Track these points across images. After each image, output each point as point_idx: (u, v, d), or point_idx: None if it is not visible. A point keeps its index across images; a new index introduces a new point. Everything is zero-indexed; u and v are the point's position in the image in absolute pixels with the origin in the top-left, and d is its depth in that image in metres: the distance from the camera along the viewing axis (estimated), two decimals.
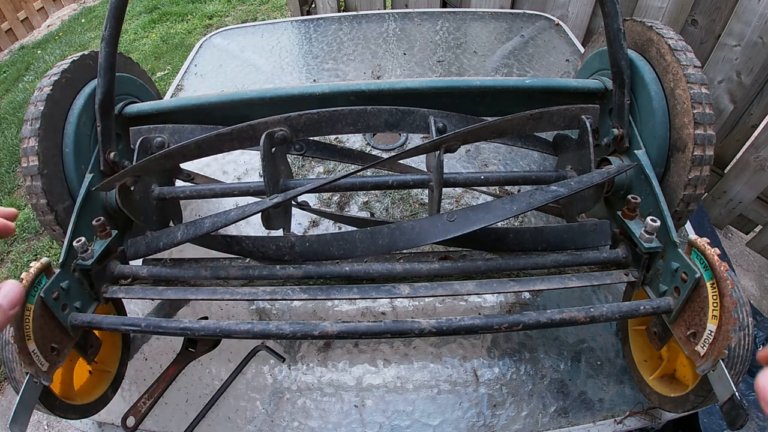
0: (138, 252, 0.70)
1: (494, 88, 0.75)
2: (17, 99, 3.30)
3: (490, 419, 0.71)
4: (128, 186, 0.68)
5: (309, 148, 0.85)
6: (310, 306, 0.84)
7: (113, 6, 0.65)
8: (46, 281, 0.56)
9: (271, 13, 3.85)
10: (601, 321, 0.55)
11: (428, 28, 1.54)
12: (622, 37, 0.67)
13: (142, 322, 0.58)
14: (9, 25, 3.98)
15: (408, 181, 0.70)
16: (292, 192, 0.62)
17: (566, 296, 0.83)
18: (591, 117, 0.67)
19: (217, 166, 1.11)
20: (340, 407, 0.73)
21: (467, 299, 0.84)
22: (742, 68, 1.55)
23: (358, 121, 0.70)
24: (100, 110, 0.70)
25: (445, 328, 0.53)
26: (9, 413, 0.49)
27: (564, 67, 1.34)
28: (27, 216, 2.35)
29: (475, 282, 0.62)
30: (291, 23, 1.60)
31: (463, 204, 0.99)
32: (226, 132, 0.63)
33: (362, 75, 1.35)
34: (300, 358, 0.78)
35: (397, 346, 0.79)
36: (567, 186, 0.61)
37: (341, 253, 0.68)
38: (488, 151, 1.11)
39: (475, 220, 0.60)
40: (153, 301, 0.86)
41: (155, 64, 3.42)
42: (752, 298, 1.80)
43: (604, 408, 0.71)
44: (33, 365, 0.52)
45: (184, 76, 1.39)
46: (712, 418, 1.06)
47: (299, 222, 0.96)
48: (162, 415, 0.73)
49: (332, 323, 0.54)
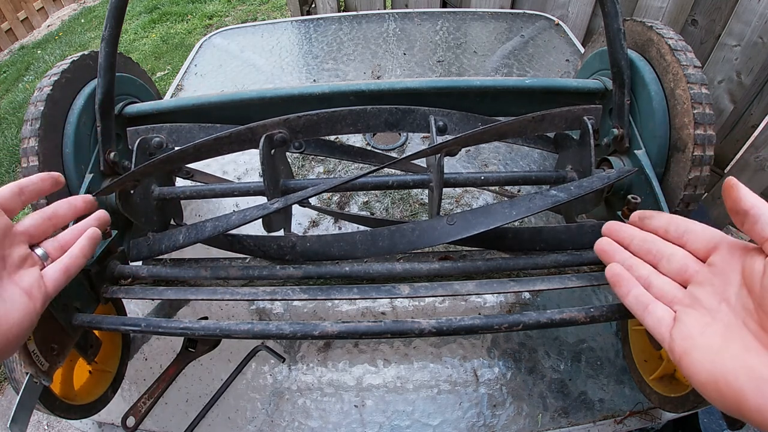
0: (140, 254, 0.70)
1: (494, 88, 0.75)
2: (17, 99, 3.30)
3: (490, 419, 0.71)
4: (128, 189, 0.68)
5: (308, 145, 0.85)
6: (310, 306, 0.84)
7: (113, 6, 0.65)
8: None
9: (271, 13, 3.85)
10: (601, 321, 0.55)
11: (428, 28, 1.54)
12: (622, 37, 0.67)
13: (142, 322, 0.58)
14: (9, 25, 3.98)
15: (408, 182, 0.70)
16: (293, 197, 0.61)
17: (566, 296, 0.83)
18: (593, 118, 0.67)
19: (217, 166, 1.11)
20: (340, 407, 0.73)
21: (467, 299, 0.84)
22: (742, 68, 1.55)
23: (357, 122, 0.70)
24: (100, 110, 0.70)
25: (445, 328, 0.53)
26: (9, 413, 0.49)
27: (564, 67, 1.34)
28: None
29: (475, 282, 0.62)
30: (291, 23, 1.60)
31: (463, 204, 0.99)
32: (225, 136, 0.63)
33: (362, 75, 1.35)
34: (300, 358, 0.78)
35: (397, 346, 0.79)
36: (567, 191, 0.61)
37: (341, 253, 0.68)
38: (488, 151, 1.11)
39: (475, 224, 0.61)
40: (153, 301, 0.86)
41: (155, 64, 3.42)
42: None
43: (604, 408, 0.71)
44: (33, 365, 0.52)
45: (184, 76, 1.39)
46: (712, 418, 1.06)
47: (299, 222, 0.96)
48: (162, 415, 0.73)
49: (332, 323, 0.54)
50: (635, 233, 0.48)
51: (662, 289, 0.42)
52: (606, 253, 0.49)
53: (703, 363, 0.35)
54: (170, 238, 0.68)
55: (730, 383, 0.32)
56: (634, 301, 0.44)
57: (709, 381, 0.34)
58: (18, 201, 0.46)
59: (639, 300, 0.43)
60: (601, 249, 0.50)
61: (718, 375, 0.34)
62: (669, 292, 0.42)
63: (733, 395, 0.32)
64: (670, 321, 0.40)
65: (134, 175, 0.63)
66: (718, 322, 0.36)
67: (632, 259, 0.46)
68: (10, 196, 0.45)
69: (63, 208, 0.51)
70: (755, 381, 0.31)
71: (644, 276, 0.44)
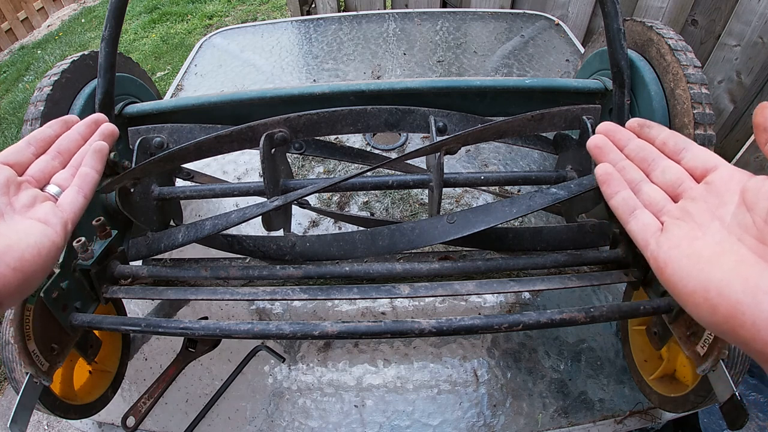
0: (139, 253, 0.70)
1: (494, 88, 0.75)
2: (17, 99, 3.30)
3: (490, 419, 0.71)
4: (128, 188, 0.68)
5: (309, 146, 0.85)
6: (310, 306, 0.84)
7: (113, 6, 0.65)
8: (46, 281, 0.56)
9: (271, 13, 3.85)
10: (601, 321, 0.55)
11: (428, 28, 1.54)
12: (622, 37, 0.67)
13: (142, 322, 0.58)
14: (9, 25, 3.98)
15: (408, 182, 0.70)
16: (293, 195, 0.61)
17: (566, 296, 0.83)
18: (592, 117, 0.67)
19: (217, 166, 1.11)
20: (340, 407, 0.73)
21: (467, 299, 0.84)
22: (742, 68, 1.55)
23: (358, 121, 0.70)
24: (99, 110, 0.70)
25: (445, 328, 0.53)
26: (9, 413, 0.49)
27: (564, 67, 1.34)
28: None
29: (475, 282, 0.62)
30: (291, 23, 1.60)
31: (463, 204, 0.99)
32: (225, 134, 0.63)
33: (362, 75, 1.35)
34: (300, 358, 0.78)
35: (397, 346, 0.79)
36: (567, 189, 0.61)
37: (341, 253, 0.68)
38: (488, 151, 1.11)
39: (475, 223, 0.61)
40: (153, 301, 0.86)
41: (155, 64, 3.42)
42: None
43: (604, 408, 0.71)
44: (33, 365, 0.52)
45: (184, 76, 1.39)
46: (712, 418, 1.06)
47: (299, 222, 0.96)
48: (162, 415, 0.73)
49: (332, 323, 0.54)
50: (633, 138, 0.45)
51: (652, 197, 0.40)
52: (599, 149, 0.46)
53: (691, 271, 0.32)
54: (169, 237, 0.68)
55: (723, 293, 0.30)
56: (621, 202, 0.41)
57: (697, 290, 0.31)
58: (27, 153, 0.45)
59: (626, 203, 0.41)
60: (594, 145, 0.46)
61: (709, 284, 0.31)
62: (659, 203, 0.39)
63: (726, 307, 0.29)
64: (657, 229, 0.38)
65: (135, 172, 0.63)
66: (709, 237, 0.34)
67: (625, 162, 0.44)
68: (16, 151, 0.45)
69: (67, 140, 0.49)
70: (752, 292, 0.28)
71: (635, 180, 0.42)
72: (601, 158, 0.45)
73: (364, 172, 0.60)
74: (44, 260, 0.38)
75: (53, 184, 0.46)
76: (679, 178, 0.39)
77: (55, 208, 0.43)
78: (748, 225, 0.32)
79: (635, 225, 0.39)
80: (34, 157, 0.46)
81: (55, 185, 0.46)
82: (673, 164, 0.41)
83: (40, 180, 0.45)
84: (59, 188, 0.46)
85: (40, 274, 0.38)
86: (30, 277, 0.37)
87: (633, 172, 0.43)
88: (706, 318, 0.31)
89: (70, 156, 0.49)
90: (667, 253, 0.35)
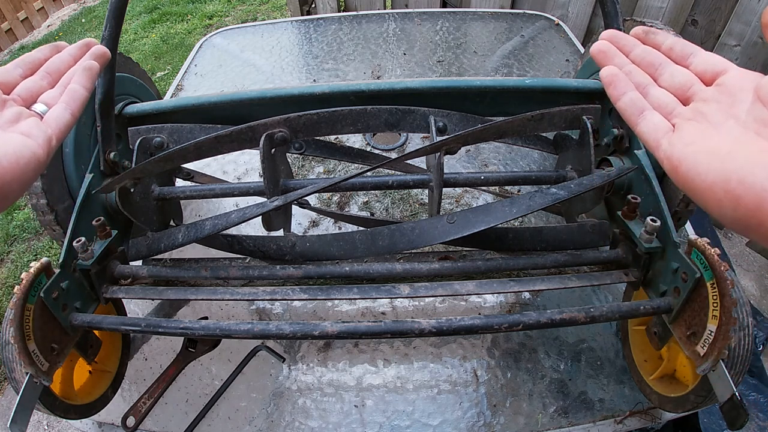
0: (139, 253, 0.70)
1: (494, 88, 0.75)
2: None
3: (490, 419, 0.71)
4: (128, 188, 0.68)
5: (309, 146, 0.85)
6: (310, 306, 0.84)
7: (113, 6, 0.65)
8: (46, 281, 0.56)
9: (271, 13, 3.85)
10: (601, 321, 0.55)
11: (428, 28, 1.54)
12: None
13: (142, 322, 0.58)
14: (9, 25, 3.98)
15: (408, 182, 0.70)
16: (293, 195, 0.61)
17: (566, 296, 0.83)
18: (592, 117, 0.67)
19: (217, 166, 1.11)
20: (340, 407, 0.73)
21: (467, 299, 0.84)
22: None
23: (358, 121, 0.70)
24: (100, 110, 0.70)
25: (445, 328, 0.53)
26: (9, 413, 0.49)
27: (564, 67, 1.34)
28: (27, 216, 2.35)
29: (475, 282, 0.62)
30: (291, 23, 1.60)
31: (463, 204, 0.99)
32: (225, 134, 0.63)
33: (362, 75, 1.35)
34: (300, 358, 0.78)
35: (397, 346, 0.79)
36: (567, 189, 0.61)
37: (341, 253, 0.68)
38: (488, 151, 1.11)
39: (474, 222, 0.61)
40: (153, 301, 0.86)
41: (155, 64, 3.42)
42: (752, 298, 1.80)
43: (604, 408, 0.71)
44: (33, 365, 0.52)
45: (184, 76, 1.39)
46: (712, 418, 1.06)
47: (299, 222, 0.96)
48: (162, 415, 0.73)
49: (332, 323, 0.54)
50: (638, 44, 0.43)
51: (661, 99, 0.38)
52: (603, 54, 0.43)
53: (710, 164, 0.31)
54: (169, 237, 0.68)
55: (746, 181, 0.28)
56: (628, 103, 0.39)
57: (717, 182, 0.30)
58: (14, 74, 0.45)
59: (635, 103, 0.39)
60: (598, 50, 0.43)
61: (729, 173, 0.29)
62: (668, 104, 0.38)
63: (752, 197, 0.28)
64: (668, 130, 0.36)
65: (135, 172, 0.63)
66: (724, 134, 0.32)
67: (630, 66, 0.41)
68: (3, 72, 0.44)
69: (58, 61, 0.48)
70: None
71: (642, 84, 0.40)
72: (605, 63, 0.43)
73: (364, 172, 0.60)
74: (23, 170, 0.38)
75: (40, 103, 0.45)
76: (689, 81, 0.38)
77: (39, 123, 0.42)
78: (766, 119, 0.31)
79: (645, 126, 0.37)
80: (21, 78, 0.45)
81: (42, 104, 0.45)
82: (682, 68, 0.39)
83: (27, 99, 0.45)
84: (46, 107, 0.45)
85: (17, 186, 0.38)
86: (6, 185, 0.36)
87: (640, 76, 0.41)
88: (729, 214, 0.29)
89: (60, 76, 0.47)
90: (681, 150, 0.33)
